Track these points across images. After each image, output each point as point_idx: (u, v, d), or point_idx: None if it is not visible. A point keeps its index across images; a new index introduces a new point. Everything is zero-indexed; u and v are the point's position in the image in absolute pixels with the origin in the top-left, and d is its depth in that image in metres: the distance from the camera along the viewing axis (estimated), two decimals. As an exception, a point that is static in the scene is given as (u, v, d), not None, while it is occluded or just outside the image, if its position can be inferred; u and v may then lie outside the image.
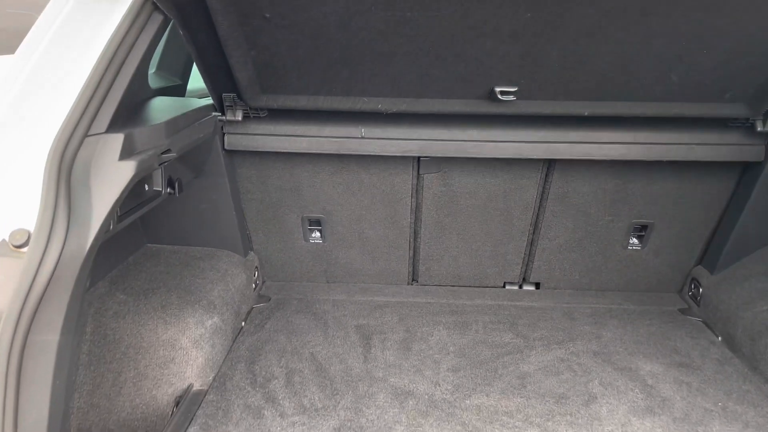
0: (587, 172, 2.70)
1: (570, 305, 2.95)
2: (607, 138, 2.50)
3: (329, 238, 2.94)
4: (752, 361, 2.42)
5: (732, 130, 2.50)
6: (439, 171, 2.72)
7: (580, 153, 2.52)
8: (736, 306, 2.61)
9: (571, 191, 2.77)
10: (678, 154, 2.51)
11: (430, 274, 3.07)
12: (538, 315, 2.85)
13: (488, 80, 2.21)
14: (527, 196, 2.79)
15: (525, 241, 2.95)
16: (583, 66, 2.10)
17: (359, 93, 2.28)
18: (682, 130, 2.49)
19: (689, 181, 2.71)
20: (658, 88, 2.21)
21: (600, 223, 2.86)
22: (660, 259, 2.98)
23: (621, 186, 2.74)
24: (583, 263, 3.01)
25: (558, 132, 2.50)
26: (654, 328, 2.75)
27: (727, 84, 2.20)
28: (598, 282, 3.06)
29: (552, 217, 2.85)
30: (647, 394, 2.26)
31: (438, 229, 2.91)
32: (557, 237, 2.92)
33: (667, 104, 2.31)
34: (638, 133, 2.49)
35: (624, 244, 2.93)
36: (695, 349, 2.57)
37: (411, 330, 2.69)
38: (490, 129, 2.51)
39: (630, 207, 2.81)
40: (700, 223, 2.84)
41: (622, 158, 2.52)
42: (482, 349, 2.56)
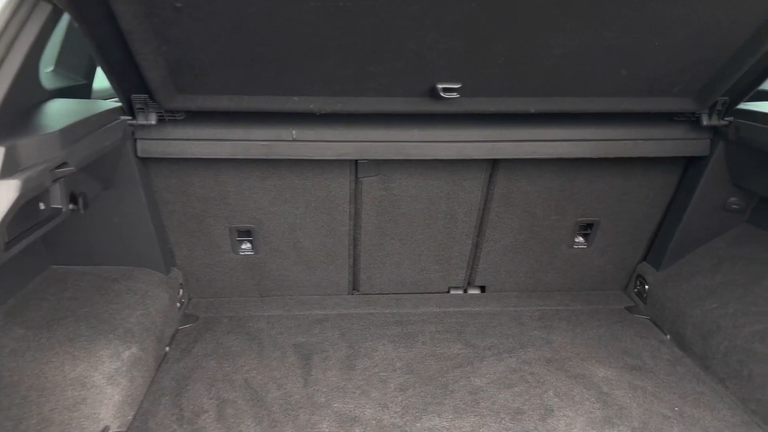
0: (532, 171, 2.59)
1: (518, 309, 2.84)
2: (553, 136, 2.38)
3: (261, 250, 2.70)
4: (704, 360, 2.37)
5: (678, 125, 2.43)
6: (379, 174, 2.53)
7: (525, 152, 2.39)
8: (684, 304, 2.56)
9: (516, 191, 2.64)
10: (624, 150, 2.42)
11: (371, 282, 2.89)
12: (486, 321, 2.72)
13: (430, 77, 2.04)
14: (471, 197, 2.65)
15: (469, 244, 2.81)
16: (530, 61, 1.96)
17: (288, 92, 2.06)
18: (628, 125, 2.41)
19: (634, 177, 2.64)
20: (607, 83, 2.10)
21: (545, 222, 2.76)
22: (606, 257, 2.91)
23: (566, 184, 2.64)
24: (529, 264, 2.90)
25: (503, 130, 2.36)
26: (603, 329, 2.67)
27: (676, 78, 2.11)
28: (544, 282, 2.97)
29: (497, 218, 2.72)
30: (603, 403, 2.16)
31: (379, 235, 2.73)
32: (502, 238, 2.80)
33: (615, 99, 2.21)
34: (584, 130, 2.38)
35: (569, 243, 2.85)
36: (646, 350, 2.51)
37: (354, 346, 2.50)
38: (432, 129, 2.34)
39: (575, 205, 2.72)
40: (645, 219, 2.79)
41: (567, 156, 2.42)
42: (431, 362, 2.40)
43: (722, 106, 2.29)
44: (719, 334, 2.32)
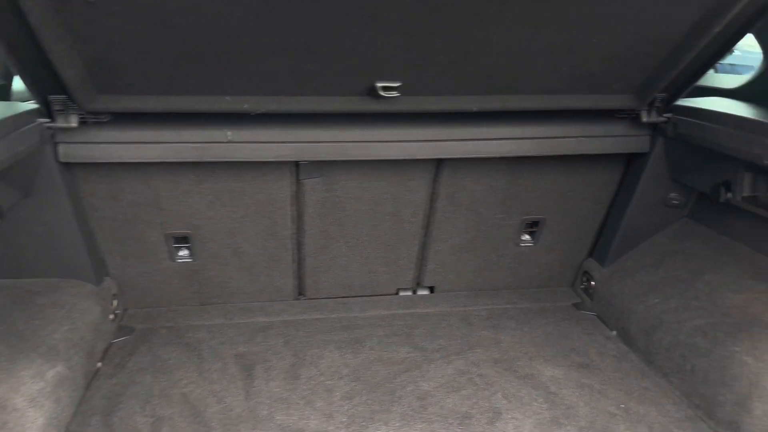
0: (477, 170, 2.55)
1: (466, 309, 2.81)
2: (497, 134, 2.35)
3: (200, 256, 2.59)
4: (647, 355, 2.38)
5: (618, 122, 2.43)
6: (321, 176, 2.45)
7: (469, 151, 2.35)
8: (628, 299, 2.58)
9: (462, 190, 2.61)
10: (567, 147, 2.41)
11: (318, 287, 2.81)
12: (434, 322, 2.68)
13: (369, 75, 1.97)
14: (417, 197, 2.60)
15: (417, 245, 2.76)
16: (471, 58, 1.91)
17: (219, 91, 1.96)
18: (570, 123, 2.40)
19: (578, 175, 2.64)
20: (548, 80, 2.08)
21: (492, 221, 2.73)
22: (552, 254, 2.91)
23: (511, 183, 2.62)
24: (477, 263, 2.88)
25: (446, 129, 2.32)
26: (551, 327, 2.67)
27: (615, 75, 2.11)
28: (492, 281, 2.95)
29: (443, 218, 2.68)
30: (551, 404, 2.14)
31: (324, 238, 2.65)
32: (450, 238, 2.76)
33: (556, 97, 2.19)
34: (527, 128, 2.36)
35: (516, 241, 2.83)
36: (592, 347, 2.51)
37: (299, 354, 2.42)
38: (374, 128, 2.27)
39: (521, 203, 2.70)
40: (590, 216, 2.80)
41: (512, 154, 2.39)
42: (378, 368, 2.34)
43: (661, 102, 2.31)
44: (662, 330, 2.33)
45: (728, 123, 2.03)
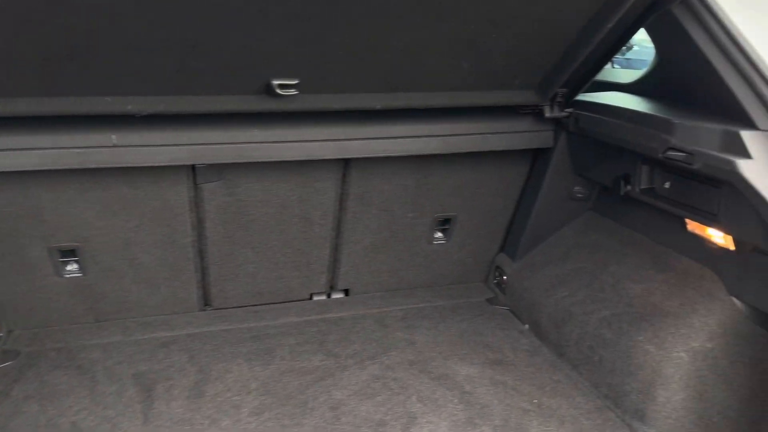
0: (386, 170, 2.50)
1: (381, 310, 2.76)
2: (404, 132, 2.30)
3: (91, 270, 2.39)
4: (558, 348, 2.41)
5: (523, 118, 2.45)
6: (221, 179, 2.32)
7: (376, 150, 2.29)
8: (538, 293, 2.60)
9: (372, 190, 2.54)
10: (474, 144, 2.40)
11: (225, 296, 2.67)
12: (349, 327, 2.61)
13: (263, 72, 1.86)
14: (326, 199, 2.51)
15: (328, 247, 2.68)
16: (370, 54, 1.84)
17: (99, 92, 1.79)
18: (476, 120, 2.39)
19: (486, 171, 2.64)
20: (450, 77, 2.04)
21: (404, 220, 2.69)
22: (465, 251, 2.91)
23: (421, 181, 2.58)
24: (391, 263, 2.83)
25: (351, 128, 2.25)
26: (465, 324, 2.66)
27: (517, 71, 2.11)
28: (407, 281, 2.91)
29: (354, 218, 2.61)
30: (466, 404, 2.12)
31: (229, 245, 2.51)
32: (362, 239, 2.69)
33: (459, 93, 2.17)
34: (434, 126, 2.33)
35: (429, 240, 2.81)
36: (506, 342, 2.52)
37: (204, 369, 2.28)
38: (275, 128, 2.17)
39: (432, 201, 2.67)
40: (500, 211, 2.81)
41: (419, 153, 2.35)
42: (289, 379, 2.24)
43: (562, 97, 2.33)
44: (571, 322, 2.37)
45: (624, 117, 2.07)
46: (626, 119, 2.06)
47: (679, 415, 1.95)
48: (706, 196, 1.87)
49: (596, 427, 2.03)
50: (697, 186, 1.91)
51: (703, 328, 1.98)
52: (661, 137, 1.83)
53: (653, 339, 2.05)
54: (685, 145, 1.73)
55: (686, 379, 1.95)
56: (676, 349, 1.99)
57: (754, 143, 1.56)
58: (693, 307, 2.03)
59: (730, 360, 1.94)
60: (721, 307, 1.98)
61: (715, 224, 1.88)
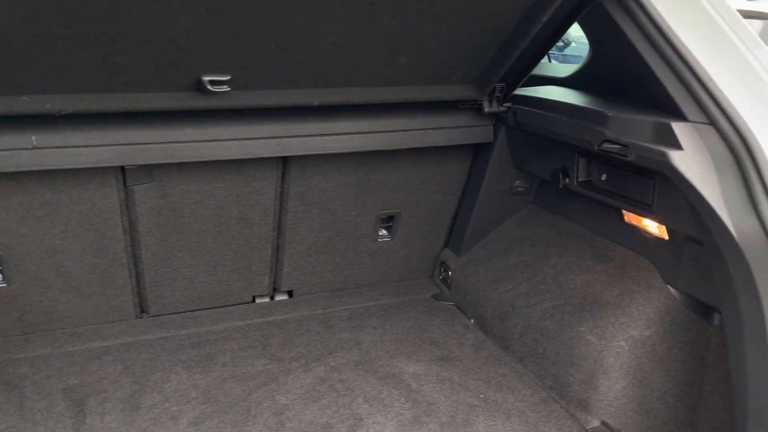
0: (327, 167, 2.45)
1: (326, 311, 2.71)
2: (343, 129, 2.26)
3: (16, 280, 2.25)
4: (503, 341, 2.42)
5: (463, 113, 2.44)
6: (153, 181, 2.22)
7: (315, 147, 2.24)
8: (483, 287, 2.61)
9: (312, 188, 2.49)
10: (415, 140, 2.38)
11: (162, 302, 2.56)
12: (293, 329, 2.55)
13: (193, 68, 1.79)
14: (265, 198, 2.44)
15: (270, 248, 2.61)
16: (302, 49, 1.79)
17: (13, 91, 1.68)
18: (416, 115, 2.37)
19: (428, 167, 2.63)
20: (387, 72, 2.01)
21: (346, 219, 2.65)
22: (410, 248, 2.89)
23: (363, 178, 2.54)
24: (335, 263, 2.78)
25: (289, 125, 2.19)
26: (411, 321, 2.64)
27: (454, 65, 2.09)
28: (352, 280, 2.87)
29: (296, 218, 2.55)
30: (413, 402, 2.10)
31: (164, 249, 2.41)
32: (304, 239, 2.64)
33: (398, 89, 2.14)
34: (374, 122, 2.29)
35: (373, 237, 2.77)
36: (452, 338, 2.52)
37: (140, 380, 2.18)
38: (208, 126, 2.09)
39: (375, 199, 2.64)
40: (443, 207, 2.80)
41: (360, 149, 2.31)
42: (231, 385, 2.17)
43: (500, 92, 2.33)
44: (515, 315, 2.38)
45: (560, 111, 2.09)
46: (562, 113, 2.08)
47: (620, 403, 1.98)
48: (641, 187, 1.91)
49: (542, 419, 2.05)
50: (632, 177, 1.94)
51: (641, 316, 2.02)
52: (596, 130, 1.85)
53: (594, 329, 2.08)
54: (619, 137, 1.75)
55: (626, 367, 1.99)
56: (616, 338, 2.02)
57: (684, 134, 1.59)
58: (631, 296, 2.07)
59: (667, 347, 1.98)
60: (657, 295, 2.02)
61: (649, 215, 1.91)
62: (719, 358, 1.92)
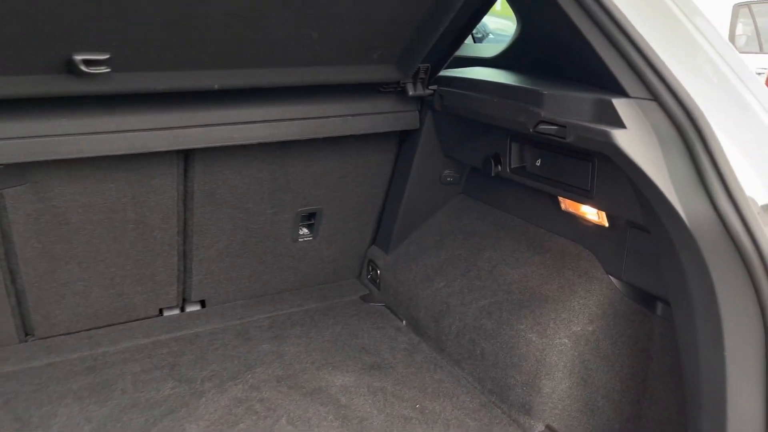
0: (236, 161, 2.18)
1: (244, 321, 2.44)
2: (251, 117, 2.01)
3: None
4: (439, 343, 2.25)
5: (386, 97, 2.24)
6: (26, 182, 1.89)
7: (218, 138, 1.97)
8: (414, 285, 2.42)
9: (221, 186, 2.22)
10: (333, 128, 2.16)
11: (51, 322, 2.22)
12: (206, 345, 2.27)
13: (61, 45, 1.48)
14: (165, 199, 2.15)
15: (176, 255, 2.32)
16: (194, 21, 1.53)
17: None
18: (334, 100, 2.14)
19: (350, 158, 2.41)
20: (298, 50, 1.77)
21: (262, 218, 2.39)
22: (335, 247, 2.67)
23: (278, 173, 2.30)
24: (252, 267, 2.52)
25: (186, 114, 1.91)
26: (339, 327, 2.42)
27: (373, 42, 1.88)
28: (273, 285, 2.62)
29: (204, 220, 2.27)
30: (343, 420, 1.88)
31: (47, 261, 2.08)
32: (215, 243, 2.36)
33: (311, 70, 1.90)
34: (287, 109, 2.05)
35: (294, 237, 2.53)
36: (383, 342, 2.32)
37: (23, 417, 1.85)
38: (88, 116, 1.78)
39: (293, 195, 2.40)
40: (369, 201, 2.60)
41: (272, 140, 2.06)
42: (132, 416, 1.88)
43: (425, 73, 2.14)
44: (450, 315, 2.21)
45: (491, 91, 1.92)
46: (492, 93, 1.91)
47: (565, 404, 1.84)
48: (578, 171, 1.77)
49: (483, 427, 1.88)
50: (568, 161, 1.80)
51: (583, 310, 1.89)
52: (530, 110, 1.69)
53: (535, 326, 1.93)
54: (556, 118, 1.60)
55: (570, 366, 1.85)
56: (558, 335, 1.88)
57: (626, 111, 1.45)
58: (572, 289, 1.94)
59: (611, 341, 1.86)
60: (599, 286, 1.89)
61: (588, 201, 1.78)
62: (663, 350, 1.82)
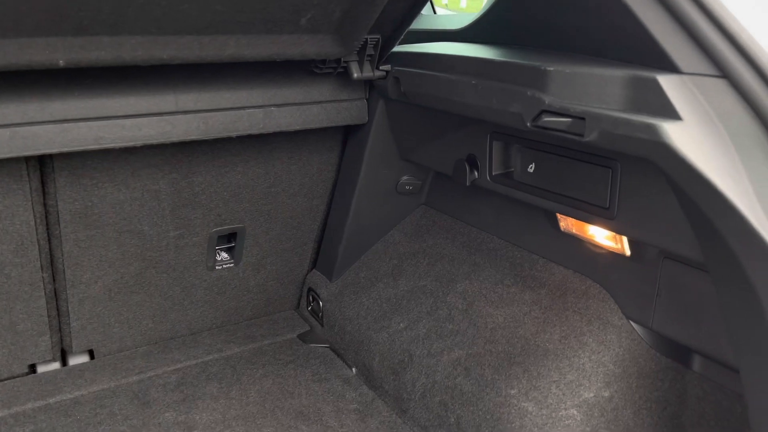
0: (117, 170, 1.60)
1: (143, 377, 1.86)
2: (129, 108, 1.43)
3: None
4: (399, 402, 1.72)
5: (322, 81, 1.69)
6: None
7: (82, 139, 1.38)
8: (367, 325, 1.89)
9: (100, 203, 1.63)
10: (252, 124, 1.60)
11: None
12: (89, 415, 1.68)
13: None
14: (16, 225, 1.55)
15: (42, 296, 1.72)
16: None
17: None
18: (252, 84, 1.59)
19: (281, 162, 1.86)
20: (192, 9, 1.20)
21: (163, 242, 1.82)
22: (264, 273, 2.11)
23: (181, 183, 1.73)
24: (155, 305, 1.94)
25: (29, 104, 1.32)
26: (269, 381, 1.87)
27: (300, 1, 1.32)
28: (184, 324, 2.04)
29: (78, 249, 1.68)
30: None
31: None
32: (99, 278, 1.77)
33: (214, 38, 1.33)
34: (181, 96, 1.48)
35: (209, 264, 1.96)
36: (326, 402, 1.78)
37: None
38: None
39: (204, 211, 1.83)
40: (307, 215, 2.05)
41: (163, 140, 1.49)
42: None
43: (374, 49, 1.61)
44: (413, 367, 1.69)
45: (466, 70, 1.39)
46: (468, 74, 1.38)
47: (577, 499, 1.35)
48: (592, 181, 1.27)
49: None
50: (576, 167, 1.29)
51: (596, 369, 1.39)
52: (527, 96, 1.17)
53: (531, 392, 1.43)
54: (569, 106, 1.09)
55: (581, 446, 1.36)
56: (563, 405, 1.38)
57: (681, 95, 0.96)
58: (579, 339, 1.43)
59: (633, 409, 1.38)
60: (617, 337, 1.40)
61: (607, 222, 1.27)
62: (701, 417, 1.35)
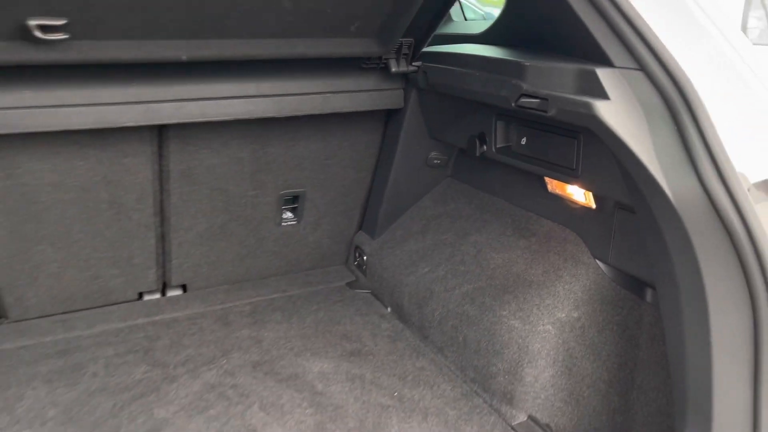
0: (214, 139, 2.11)
1: (225, 306, 2.38)
2: (226, 92, 1.93)
3: None
4: (422, 330, 2.17)
5: (368, 74, 2.16)
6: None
7: (192, 114, 1.90)
8: (399, 271, 2.35)
9: (198, 165, 2.15)
10: (312, 106, 2.08)
11: (25, 305, 2.17)
12: (183, 329, 2.21)
13: (14, 10, 1.41)
14: (140, 178, 2.08)
15: (153, 238, 2.25)
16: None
17: None
18: (314, 76, 2.07)
19: (335, 139, 2.33)
20: (269, 19, 1.69)
21: (243, 200, 2.32)
22: (320, 231, 2.59)
23: (259, 152, 2.22)
24: (234, 251, 2.45)
25: (158, 88, 1.84)
26: (322, 313, 2.35)
27: (350, 12, 1.79)
28: (256, 270, 2.55)
29: (181, 201, 2.21)
30: (317, 407, 1.81)
31: (18, 241, 2.02)
32: (195, 225, 2.29)
33: (285, 42, 1.83)
34: (263, 84, 1.97)
35: (277, 221, 2.46)
36: (366, 329, 2.24)
37: (-14, 399, 1.79)
38: (53, 88, 1.71)
39: (275, 176, 2.32)
40: (355, 184, 2.52)
41: (247, 116, 1.99)
42: (101, 400, 1.82)
43: (408, 49, 2.06)
44: (433, 301, 2.13)
45: (475, 65, 1.83)
46: (476, 68, 1.82)
47: (549, 393, 1.76)
48: (563, 149, 1.68)
49: (462, 416, 1.80)
50: (553, 139, 1.71)
51: (568, 296, 1.81)
52: (512, 83, 1.60)
53: (518, 312, 1.85)
54: (538, 90, 1.51)
55: (554, 354, 1.77)
56: (542, 321, 1.80)
57: (610, 82, 1.36)
58: (557, 273, 1.85)
59: (597, 328, 1.78)
60: (585, 271, 1.81)
61: (574, 180, 1.69)
62: (652, 338, 1.74)
